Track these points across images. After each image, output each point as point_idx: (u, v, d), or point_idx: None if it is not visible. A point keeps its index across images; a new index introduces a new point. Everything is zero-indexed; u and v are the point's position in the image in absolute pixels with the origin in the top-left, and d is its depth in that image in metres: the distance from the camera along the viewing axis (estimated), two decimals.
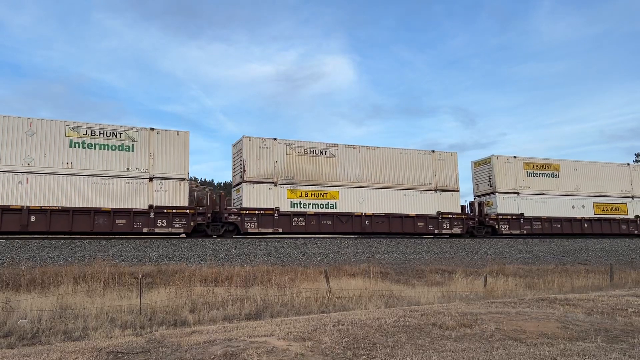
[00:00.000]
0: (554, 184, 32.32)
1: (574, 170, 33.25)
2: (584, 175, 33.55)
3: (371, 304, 12.67)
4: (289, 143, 26.14)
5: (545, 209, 31.51)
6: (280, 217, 24.92)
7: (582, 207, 32.55)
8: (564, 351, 6.35)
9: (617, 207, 33.96)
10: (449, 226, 28.59)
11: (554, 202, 31.92)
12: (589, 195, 33.12)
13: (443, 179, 29.31)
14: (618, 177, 34.61)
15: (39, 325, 10.00)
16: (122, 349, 6.52)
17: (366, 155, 27.77)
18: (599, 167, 34.23)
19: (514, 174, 31.60)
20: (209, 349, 6.28)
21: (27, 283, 14.50)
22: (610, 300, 11.03)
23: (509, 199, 30.99)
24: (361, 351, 6.24)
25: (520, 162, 32.09)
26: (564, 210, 32.04)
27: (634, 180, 35.25)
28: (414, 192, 28.34)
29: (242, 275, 16.46)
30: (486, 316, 8.69)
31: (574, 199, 32.56)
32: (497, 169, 31.23)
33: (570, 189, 32.70)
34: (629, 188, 34.76)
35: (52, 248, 19.26)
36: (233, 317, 11.14)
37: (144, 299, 12.18)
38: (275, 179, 25.38)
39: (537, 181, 31.94)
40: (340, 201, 26.43)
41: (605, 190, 33.80)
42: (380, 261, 21.69)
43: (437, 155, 29.56)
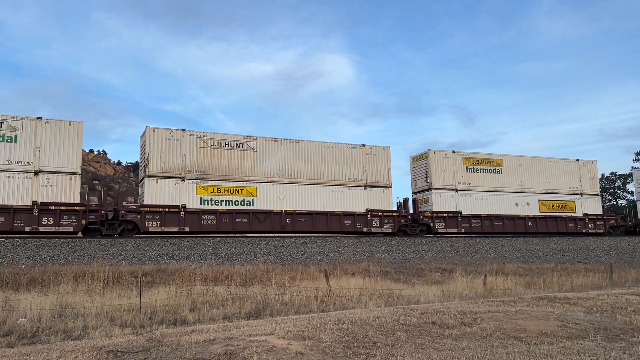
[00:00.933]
0: (496, 180, 30.84)
1: (519, 165, 31.83)
2: (529, 171, 32.09)
3: (371, 302, 12.68)
4: (200, 135, 24.57)
5: (486, 207, 30.00)
6: (188, 215, 23.40)
7: (526, 205, 31.08)
8: (564, 350, 6.36)
9: (565, 205, 32.55)
10: (379, 224, 26.99)
11: (496, 199, 30.42)
12: (534, 192, 31.75)
13: (374, 174, 27.80)
14: (566, 173, 33.30)
15: (39, 324, 10.00)
16: (122, 348, 6.52)
17: (289, 149, 26.28)
18: (545, 163, 32.93)
19: (452, 170, 29.96)
20: (208, 347, 6.28)
21: (27, 282, 14.50)
22: (610, 299, 11.03)
23: (446, 196, 29.47)
24: (361, 350, 6.24)
25: (460, 157, 30.51)
26: (507, 208, 30.58)
27: (583, 176, 33.88)
28: (341, 189, 26.84)
29: (241, 274, 16.46)
30: (486, 315, 8.70)
31: (518, 196, 31.12)
32: (434, 164, 29.66)
33: (514, 186, 31.29)
34: (577, 185, 33.49)
35: (52, 247, 19.26)
36: (233, 316, 11.15)
37: (144, 298, 12.18)
38: (183, 173, 23.89)
39: (477, 177, 30.36)
40: (258, 198, 24.99)
41: (552, 187, 32.51)
42: (380, 260, 21.69)
43: (367, 150, 28.00)
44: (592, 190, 33.94)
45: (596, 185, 34.31)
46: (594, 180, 34.29)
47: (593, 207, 33.53)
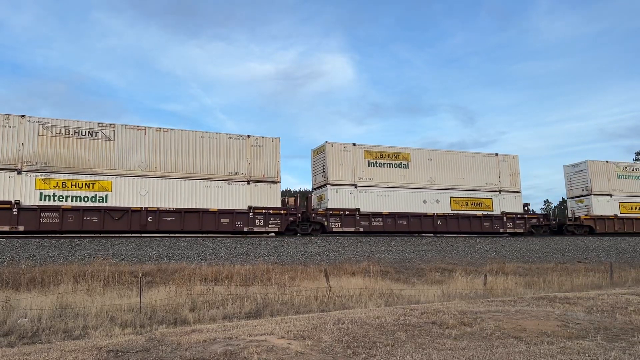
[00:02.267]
0: (401, 176, 28.41)
1: (428, 160, 29.37)
2: (440, 166, 29.58)
3: (371, 302, 12.68)
4: (43, 122, 21.79)
5: (389, 204, 27.61)
6: (23, 212, 20.74)
7: (436, 202, 28.69)
8: (564, 349, 6.36)
9: (481, 202, 29.98)
10: (263, 223, 24.55)
11: (402, 196, 28.04)
12: (445, 189, 29.29)
13: (260, 168, 25.19)
14: (484, 168, 30.76)
15: (39, 324, 10.01)
16: (122, 347, 6.52)
17: (155, 139, 23.55)
18: (459, 158, 30.40)
19: (352, 164, 27.47)
20: (209, 347, 6.28)
21: (27, 282, 14.52)
22: (610, 298, 11.03)
23: (344, 192, 26.99)
24: (361, 350, 6.24)
25: (361, 150, 27.92)
26: (414, 206, 28.20)
27: (503, 172, 31.28)
28: (219, 184, 24.25)
29: (242, 274, 16.47)
30: (486, 315, 8.70)
31: (426, 192, 28.73)
32: (331, 158, 27.10)
33: (422, 182, 28.85)
34: (495, 181, 30.84)
35: (52, 247, 19.26)
36: (233, 316, 11.16)
37: (144, 298, 12.19)
38: (19, 165, 21.11)
39: (380, 172, 27.96)
40: (113, 193, 22.28)
41: (466, 183, 29.92)
42: (380, 260, 21.70)
43: (252, 141, 25.38)
44: (512, 187, 31.32)
45: (517, 182, 31.57)
46: (515, 176, 31.62)
47: (513, 205, 30.91)
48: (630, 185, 34.59)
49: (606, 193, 33.55)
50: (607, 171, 33.96)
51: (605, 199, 33.38)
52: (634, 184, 34.79)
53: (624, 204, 33.85)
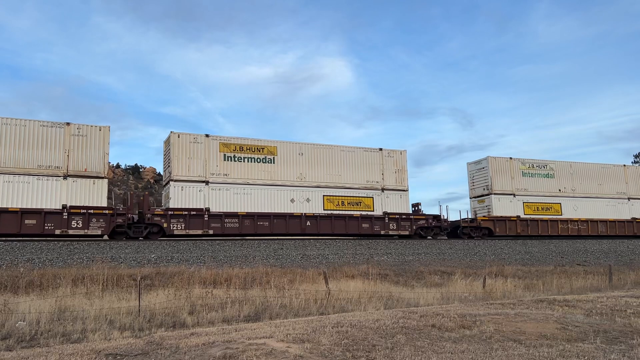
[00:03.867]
0: (266, 172, 25.52)
1: (299, 154, 26.45)
2: (313, 161, 26.74)
3: (370, 305, 12.66)
4: None
5: (249, 203, 24.72)
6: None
7: (306, 201, 25.84)
8: (563, 352, 6.35)
9: (360, 202, 27.10)
10: (82, 225, 21.24)
11: (265, 194, 25.17)
12: (318, 187, 26.34)
13: (82, 161, 21.91)
14: (365, 164, 27.87)
15: (38, 327, 9.98)
16: (121, 351, 6.50)
17: None
18: (336, 152, 27.39)
19: (204, 158, 24.56)
20: (207, 350, 6.27)
21: (26, 285, 14.48)
22: (609, 301, 11.03)
23: (191, 190, 23.96)
24: (360, 353, 6.23)
25: (215, 142, 24.99)
26: (280, 205, 25.33)
27: (387, 169, 28.27)
28: (25, 178, 20.79)
29: (241, 277, 16.45)
30: (485, 317, 8.69)
31: (295, 190, 25.82)
32: (177, 150, 24.17)
33: (290, 178, 25.94)
34: (378, 178, 27.92)
35: (51, 250, 19.23)
36: (232, 319, 11.13)
37: (143, 301, 12.16)
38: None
39: (239, 167, 25.08)
40: None
41: (344, 180, 27.05)
42: (380, 262, 21.69)
43: (73, 129, 22.00)
44: (398, 185, 28.25)
45: (404, 179, 28.50)
46: (402, 174, 28.55)
47: (398, 205, 27.91)
48: (536, 184, 31.93)
49: (509, 192, 30.88)
50: (510, 168, 31.34)
51: (508, 198, 30.75)
52: (541, 183, 32.10)
53: (528, 204, 31.23)
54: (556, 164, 32.87)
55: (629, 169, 35.22)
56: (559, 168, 32.86)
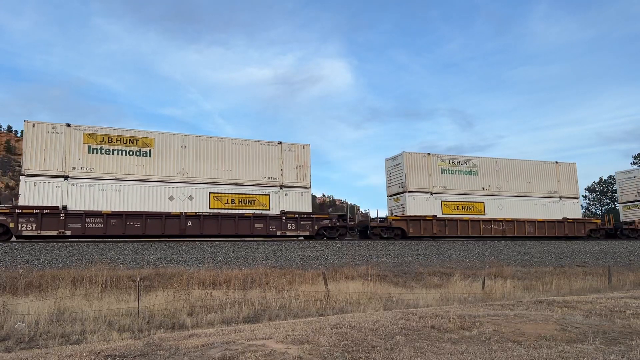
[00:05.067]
0: (140, 166, 23.10)
1: (182, 147, 24.14)
2: (198, 155, 24.44)
3: (370, 306, 12.66)
4: None
5: (118, 201, 22.31)
6: None
7: (188, 199, 23.69)
8: (563, 353, 6.36)
9: (253, 200, 24.97)
10: None
11: (138, 191, 22.76)
12: (203, 183, 24.17)
13: None
14: (261, 159, 25.61)
15: (37, 328, 9.97)
16: (120, 352, 6.50)
17: None
18: (227, 146, 25.08)
19: (63, 150, 21.90)
20: (207, 352, 6.26)
21: (25, 286, 14.46)
22: (609, 302, 11.04)
23: (47, 186, 21.42)
24: (359, 354, 6.23)
25: (79, 132, 22.42)
26: (157, 203, 23.03)
27: (288, 164, 26.07)
28: None
29: (240, 278, 16.44)
30: (484, 318, 8.69)
31: (175, 187, 23.55)
32: (31, 142, 21.53)
33: (170, 174, 23.60)
34: (276, 174, 25.75)
35: (50, 251, 19.21)
36: (231, 320, 11.13)
37: (142, 302, 12.15)
38: None
39: (107, 161, 22.52)
40: None
41: (235, 176, 24.91)
42: (379, 264, 21.68)
43: None
44: (299, 181, 26.12)
45: (306, 176, 26.37)
46: (304, 169, 26.38)
47: (298, 203, 25.82)
48: (457, 181, 29.99)
49: (425, 190, 28.91)
50: (428, 165, 29.35)
51: (424, 197, 28.81)
52: (463, 181, 30.19)
53: (447, 203, 29.26)
54: (480, 161, 31.02)
55: (561, 167, 33.43)
56: (483, 165, 30.97)
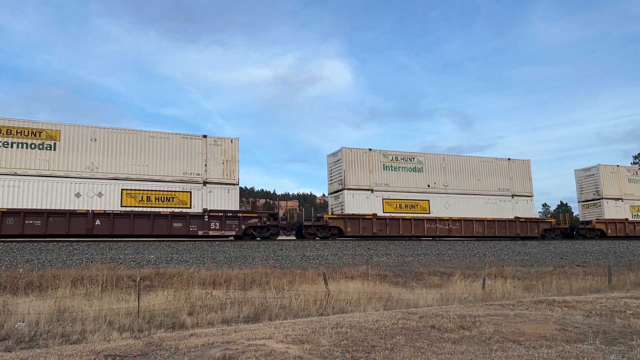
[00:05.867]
0: (42, 160, 21.49)
1: (91, 140, 22.34)
2: (109, 149, 22.55)
3: (370, 306, 12.66)
4: None
5: (16, 198, 20.66)
6: None
7: (97, 196, 21.78)
8: (563, 353, 6.35)
9: (173, 197, 23.20)
10: None
11: (39, 187, 21.11)
12: (115, 179, 22.33)
13: None
14: (182, 153, 23.86)
15: (37, 328, 9.98)
16: (120, 352, 6.50)
17: None
18: (143, 138, 23.34)
19: None
20: (207, 351, 6.26)
21: (25, 286, 14.47)
22: (609, 302, 11.04)
23: None
24: (360, 354, 6.22)
25: None
26: (62, 201, 21.33)
27: (213, 159, 24.40)
28: None
29: (240, 278, 16.44)
30: (485, 318, 8.69)
31: (82, 183, 21.76)
32: None
33: (78, 168, 21.86)
34: (199, 170, 24.03)
35: (50, 251, 19.21)
36: (231, 320, 11.13)
37: (142, 302, 12.15)
38: None
39: (6, 155, 20.91)
40: None
41: (151, 171, 23.05)
42: (379, 263, 21.68)
43: None
44: (226, 177, 24.45)
45: (234, 171, 24.72)
46: (232, 165, 24.73)
47: (225, 201, 24.17)
48: (401, 178, 28.46)
49: (366, 188, 27.51)
50: (369, 161, 27.88)
51: (364, 194, 27.45)
52: (407, 178, 28.65)
53: (389, 201, 27.80)
54: (426, 157, 29.48)
55: (514, 163, 31.95)
56: (429, 161, 29.42)
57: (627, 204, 34.60)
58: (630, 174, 35.60)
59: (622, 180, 34.98)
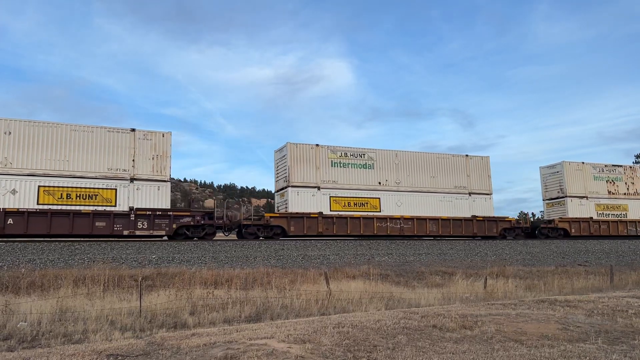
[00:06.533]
0: None
1: (5, 134, 21.01)
2: (24, 143, 21.30)
3: (371, 306, 12.66)
4: None
5: None
6: None
7: (10, 193, 20.69)
8: (565, 353, 6.34)
9: (96, 195, 21.98)
10: None
11: None
12: (31, 175, 21.19)
13: None
14: (107, 148, 22.55)
15: (39, 328, 10.00)
16: (122, 351, 6.50)
17: None
18: (63, 132, 21.94)
19: None
20: (209, 351, 6.27)
21: (27, 286, 14.49)
22: (611, 301, 11.02)
23: None
24: (361, 353, 6.22)
25: None
26: None
27: (140, 154, 22.99)
28: None
29: (242, 278, 16.45)
30: (486, 318, 8.68)
31: None
32: None
33: None
34: (126, 166, 22.74)
35: (52, 251, 19.24)
36: (233, 320, 11.14)
37: (144, 302, 12.17)
38: None
39: None
40: None
41: (72, 167, 21.86)
42: (381, 263, 21.67)
43: None
44: (157, 174, 23.23)
45: (166, 167, 23.44)
46: (163, 160, 23.41)
47: (154, 198, 22.95)
48: (350, 175, 27.36)
49: (312, 185, 26.43)
50: (315, 157, 26.78)
51: (310, 192, 26.24)
52: (357, 175, 27.58)
53: (337, 199, 26.78)
54: (377, 153, 28.37)
55: (471, 160, 30.72)
56: (381, 158, 28.34)
57: (592, 202, 33.56)
58: (596, 172, 34.43)
59: (588, 178, 33.93)
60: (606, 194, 34.35)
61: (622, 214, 34.52)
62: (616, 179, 35.06)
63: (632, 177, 35.78)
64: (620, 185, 35.08)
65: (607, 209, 34.17)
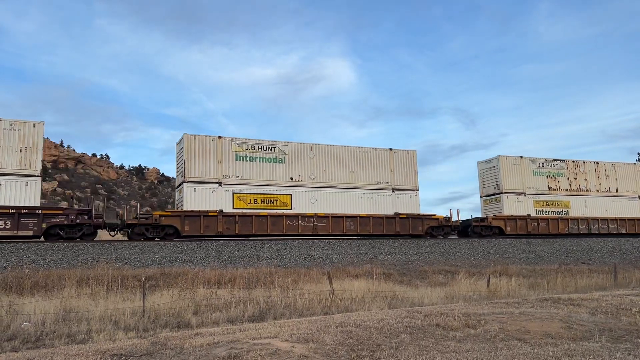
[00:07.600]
0: None
1: None
2: None
3: (374, 305, 12.66)
4: None
5: None
6: None
7: None
8: (568, 351, 6.33)
9: None
10: None
11: None
12: None
13: None
14: None
15: (43, 328, 10.03)
16: (126, 351, 6.52)
17: None
18: None
19: None
20: (212, 351, 6.28)
21: (31, 286, 14.54)
22: (614, 300, 10.99)
23: None
24: (365, 352, 6.22)
25: None
26: None
27: (5, 145, 20.84)
28: None
29: (245, 277, 16.47)
30: (490, 317, 8.67)
31: None
32: None
33: None
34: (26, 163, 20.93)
35: (56, 251, 19.29)
36: (236, 319, 11.15)
37: (147, 302, 12.20)
38: None
39: None
40: None
41: None
42: (383, 262, 21.67)
43: None
44: (24, 169, 20.99)
45: (36, 161, 21.17)
46: (32, 153, 21.15)
47: (21, 195, 20.83)
48: (258, 170, 25.44)
49: (213, 181, 24.31)
50: (217, 150, 24.76)
51: (210, 188, 24.26)
52: (266, 169, 25.61)
53: (242, 196, 24.80)
54: (289, 146, 26.25)
55: (396, 154, 28.82)
56: (294, 151, 26.25)
57: (530, 199, 31.63)
58: (535, 166, 32.40)
59: (526, 173, 31.93)
60: (546, 190, 32.36)
61: (563, 211, 32.45)
62: (558, 174, 32.97)
63: (575, 172, 33.61)
64: (562, 180, 33.00)
65: (547, 206, 32.13)
